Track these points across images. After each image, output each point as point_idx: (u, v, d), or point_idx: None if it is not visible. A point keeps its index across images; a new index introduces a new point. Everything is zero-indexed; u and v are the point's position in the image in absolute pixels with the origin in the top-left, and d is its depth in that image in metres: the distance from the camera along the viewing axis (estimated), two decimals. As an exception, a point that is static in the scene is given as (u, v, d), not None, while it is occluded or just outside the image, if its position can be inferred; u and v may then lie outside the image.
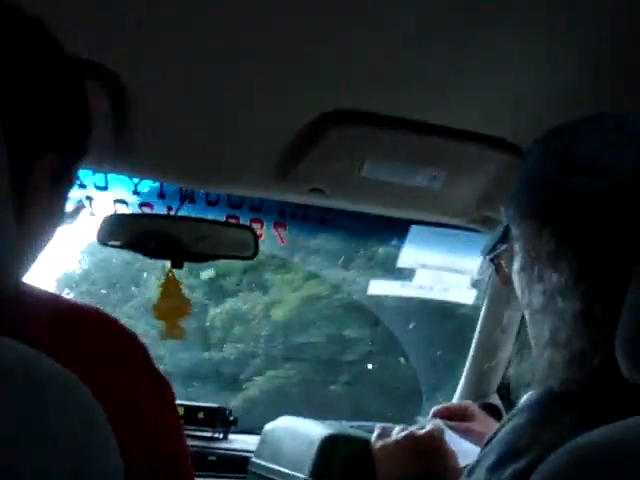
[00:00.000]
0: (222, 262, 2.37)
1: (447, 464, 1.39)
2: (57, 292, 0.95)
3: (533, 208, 0.95)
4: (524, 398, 1.80)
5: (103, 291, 5.75)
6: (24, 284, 0.84)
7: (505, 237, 1.04)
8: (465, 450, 1.46)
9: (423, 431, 1.44)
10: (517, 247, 0.99)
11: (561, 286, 0.91)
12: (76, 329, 0.86)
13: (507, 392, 2.34)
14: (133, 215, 1.95)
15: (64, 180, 0.89)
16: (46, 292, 0.90)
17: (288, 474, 1.54)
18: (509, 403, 2.31)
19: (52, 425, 0.51)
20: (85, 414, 0.55)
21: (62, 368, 0.55)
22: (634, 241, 0.85)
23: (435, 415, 1.62)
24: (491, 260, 1.10)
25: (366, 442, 1.46)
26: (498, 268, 1.10)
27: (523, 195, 0.98)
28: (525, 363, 1.07)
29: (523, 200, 0.97)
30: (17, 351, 0.54)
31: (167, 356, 4.74)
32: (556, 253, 0.91)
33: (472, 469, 0.95)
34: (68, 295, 5.10)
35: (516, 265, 1.00)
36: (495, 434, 0.97)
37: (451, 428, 1.55)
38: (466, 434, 1.53)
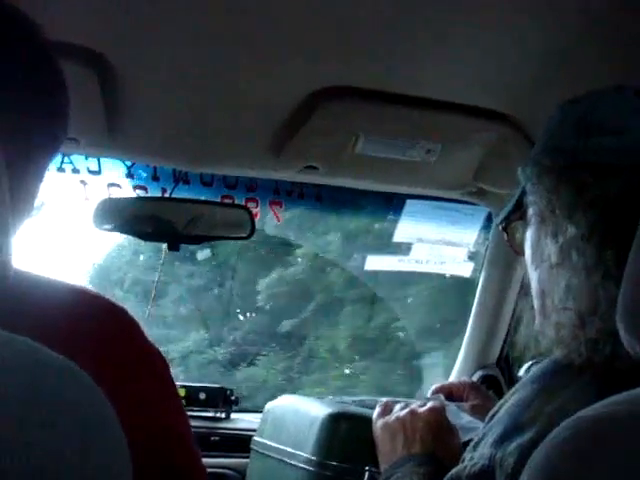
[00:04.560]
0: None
1: (449, 440, 1.39)
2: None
3: (551, 166, 0.97)
4: (523, 369, 1.81)
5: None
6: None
7: (519, 204, 1.05)
8: (466, 425, 1.46)
9: (424, 408, 1.44)
10: (532, 210, 1.01)
11: (577, 239, 0.92)
12: (67, 311, 0.86)
13: (507, 364, 2.35)
14: (127, 198, 1.94)
15: (43, 170, 0.89)
16: (34, 275, 0.90)
17: (291, 453, 1.55)
18: (509, 375, 2.32)
19: (55, 414, 0.51)
20: (88, 400, 0.55)
21: (60, 356, 0.55)
22: None
23: (436, 392, 1.62)
24: (504, 229, 1.11)
25: (368, 420, 1.46)
26: (510, 237, 1.11)
27: (541, 155, 1.01)
28: (526, 335, 1.07)
29: (542, 160, 1.00)
30: (15, 343, 0.53)
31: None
32: (573, 205, 0.94)
33: (477, 444, 0.96)
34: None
35: (531, 228, 1.02)
36: (499, 408, 0.97)
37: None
38: (468, 412, 1.54)
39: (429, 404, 1.46)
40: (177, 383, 1.01)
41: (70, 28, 1.25)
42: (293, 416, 1.63)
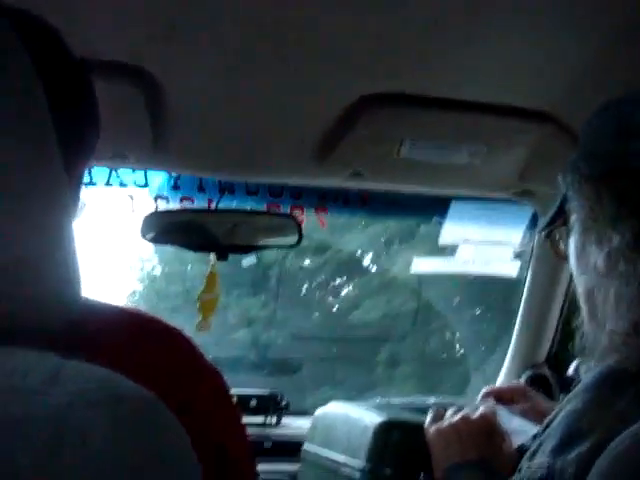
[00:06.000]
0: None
1: (502, 445, 1.39)
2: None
3: (592, 173, 0.96)
4: (572, 368, 1.79)
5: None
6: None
7: (561, 210, 1.04)
8: (518, 428, 1.45)
9: (477, 414, 1.43)
10: (574, 216, 1.00)
11: (622, 248, 0.90)
12: (128, 337, 0.87)
13: (556, 363, 2.32)
14: (174, 210, 1.96)
15: (81, 176, 0.90)
16: (90, 300, 0.91)
17: (342, 460, 1.55)
18: (559, 374, 2.30)
19: (136, 453, 0.51)
20: (167, 431, 0.55)
21: (140, 387, 0.55)
22: None
23: (486, 396, 1.61)
24: (547, 236, 1.10)
25: (420, 427, 1.45)
26: (554, 243, 1.10)
27: (581, 161, 0.99)
28: (577, 335, 1.06)
29: (582, 166, 0.98)
30: (94, 374, 0.54)
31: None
32: (616, 214, 0.92)
33: (534, 453, 0.95)
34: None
35: (574, 235, 1.00)
36: (555, 416, 0.96)
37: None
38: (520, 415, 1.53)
39: (480, 409, 1.46)
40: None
41: (117, 47, 1.27)
42: (344, 423, 1.63)
